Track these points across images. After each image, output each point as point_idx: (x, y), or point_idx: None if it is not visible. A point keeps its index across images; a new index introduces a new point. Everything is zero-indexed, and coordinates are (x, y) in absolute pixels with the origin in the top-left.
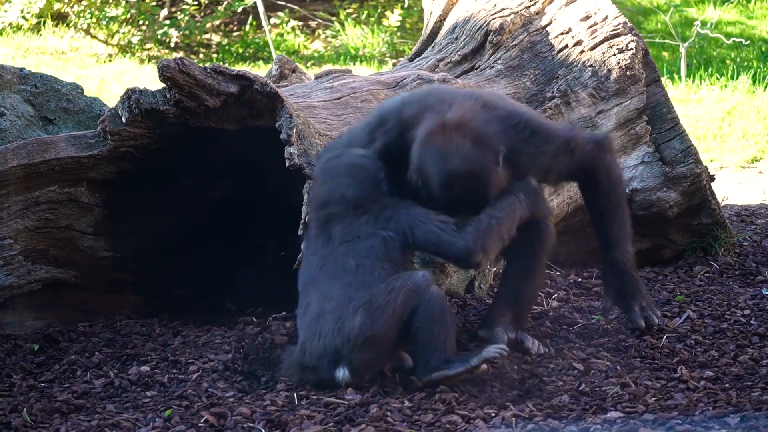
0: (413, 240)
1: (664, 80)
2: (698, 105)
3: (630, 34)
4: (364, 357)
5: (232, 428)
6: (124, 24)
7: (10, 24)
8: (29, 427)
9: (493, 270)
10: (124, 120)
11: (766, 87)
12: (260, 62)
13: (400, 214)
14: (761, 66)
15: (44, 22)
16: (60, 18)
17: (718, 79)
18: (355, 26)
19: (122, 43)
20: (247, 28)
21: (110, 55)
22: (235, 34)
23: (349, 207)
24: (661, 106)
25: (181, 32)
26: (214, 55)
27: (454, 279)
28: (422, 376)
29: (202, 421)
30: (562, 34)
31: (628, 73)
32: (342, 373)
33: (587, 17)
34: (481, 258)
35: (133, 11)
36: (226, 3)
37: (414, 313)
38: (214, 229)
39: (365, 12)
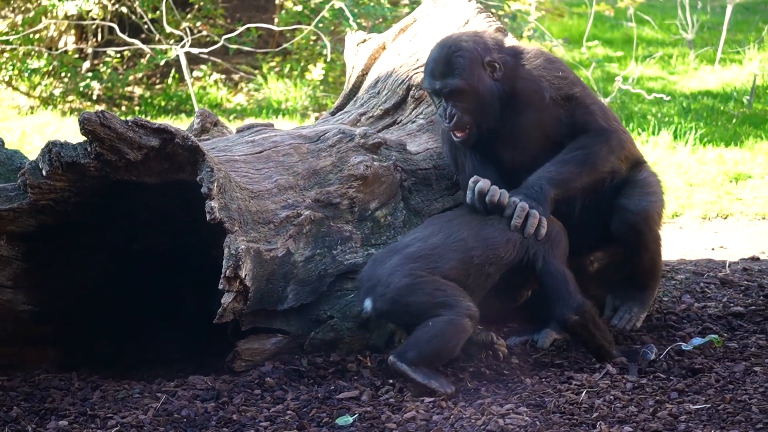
0: None
1: None
2: None
3: None
4: (385, 308)
5: None
6: (47, 76)
7: None
8: None
9: None
10: (44, 173)
11: (686, 143)
12: (183, 115)
13: None
14: (682, 121)
15: None
16: None
17: (639, 134)
18: (277, 80)
19: (44, 95)
20: (170, 80)
21: (32, 107)
22: (157, 86)
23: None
24: None
25: (104, 85)
26: (137, 108)
27: (374, 334)
28: (396, 357)
29: None
30: None
31: None
32: (367, 305)
33: None
34: None
35: (55, 63)
36: (148, 56)
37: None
38: (135, 282)
39: (288, 65)
